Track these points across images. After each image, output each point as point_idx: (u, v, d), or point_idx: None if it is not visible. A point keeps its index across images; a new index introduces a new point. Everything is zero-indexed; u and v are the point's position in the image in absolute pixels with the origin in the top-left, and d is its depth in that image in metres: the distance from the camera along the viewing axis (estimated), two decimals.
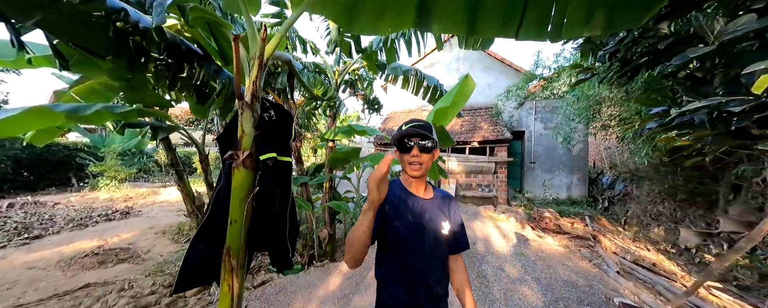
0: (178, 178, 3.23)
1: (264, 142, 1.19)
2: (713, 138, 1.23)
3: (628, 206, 6.03)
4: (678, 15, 1.21)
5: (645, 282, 2.96)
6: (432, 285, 0.92)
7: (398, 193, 0.97)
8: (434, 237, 0.93)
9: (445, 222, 0.96)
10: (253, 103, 1.17)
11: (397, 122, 9.21)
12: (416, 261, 0.90)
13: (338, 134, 3.33)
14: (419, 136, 0.91)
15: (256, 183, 1.19)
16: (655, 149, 4.20)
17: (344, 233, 3.93)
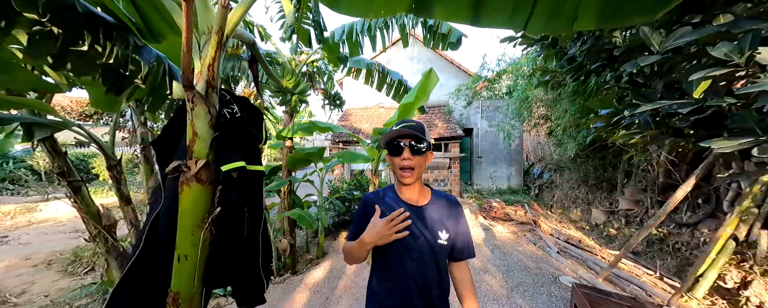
0: (73, 192, 2.39)
1: (225, 147, 0.90)
2: (654, 137, 1.42)
3: (554, 192, 7.15)
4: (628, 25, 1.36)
5: (577, 258, 3.51)
6: (430, 298, 0.87)
7: (389, 202, 0.91)
8: (429, 247, 0.86)
9: (443, 231, 0.88)
10: (210, 94, 0.86)
11: (354, 119, 8.97)
12: (410, 273, 0.85)
13: (298, 132, 2.98)
14: (411, 137, 0.84)
15: (216, 202, 0.89)
16: (576, 144, 5.02)
17: (306, 241, 3.60)
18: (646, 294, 2.67)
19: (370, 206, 0.89)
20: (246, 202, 0.94)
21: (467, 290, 0.92)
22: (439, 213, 0.91)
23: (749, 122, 1.01)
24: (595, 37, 1.54)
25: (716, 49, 1.07)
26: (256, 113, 1.05)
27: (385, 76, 4.11)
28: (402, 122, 0.88)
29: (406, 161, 0.84)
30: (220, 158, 0.88)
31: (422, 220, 0.88)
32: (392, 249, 0.84)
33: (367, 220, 0.86)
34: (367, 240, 0.81)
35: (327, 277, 2.76)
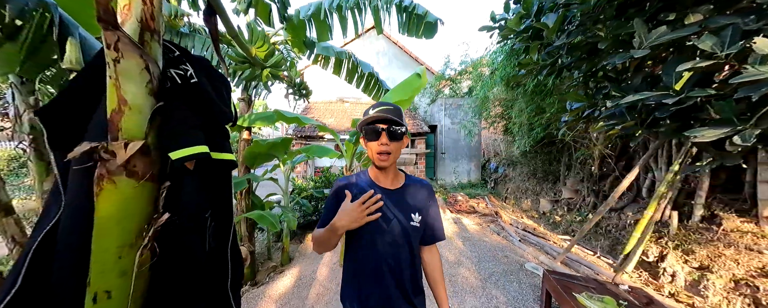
0: None
1: (177, 125, 0.60)
2: (630, 127, 1.51)
3: (507, 185, 7.80)
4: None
5: (536, 245, 3.82)
6: (403, 280, 0.88)
7: (362, 186, 0.90)
8: (402, 229, 0.87)
9: (416, 213, 0.89)
10: (148, 42, 0.55)
11: (318, 114, 8.44)
12: (383, 255, 0.85)
13: (257, 121, 2.57)
14: (388, 121, 0.82)
15: (160, 207, 0.58)
16: (530, 140, 5.50)
17: (268, 247, 3.17)
18: (594, 273, 3.00)
19: (342, 191, 0.88)
20: (208, 205, 0.65)
21: (437, 275, 0.96)
22: (412, 197, 0.92)
23: (728, 112, 1.07)
24: (582, 30, 1.56)
25: (702, 41, 1.11)
26: (220, 80, 0.75)
27: (356, 67, 3.86)
28: (379, 105, 0.86)
29: (384, 146, 0.83)
30: (167, 140, 0.58)
31: (395, 203, 0.88)
32: (365, 231, 0.84)
33: (338, 205, 0.85)
34: (338, 225, 0.81)
35: (295, 286, 2.44)
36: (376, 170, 0.91)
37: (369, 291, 0.86)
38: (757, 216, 2.79)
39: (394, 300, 0.86)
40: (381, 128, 0.82)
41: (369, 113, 0.84)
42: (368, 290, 0.86)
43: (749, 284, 2.50)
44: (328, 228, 0.82)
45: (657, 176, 3.89)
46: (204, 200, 0.64)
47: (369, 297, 0.86)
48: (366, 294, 0.86)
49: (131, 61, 0.54)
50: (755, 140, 1.01)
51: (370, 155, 0.87)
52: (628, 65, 1.64)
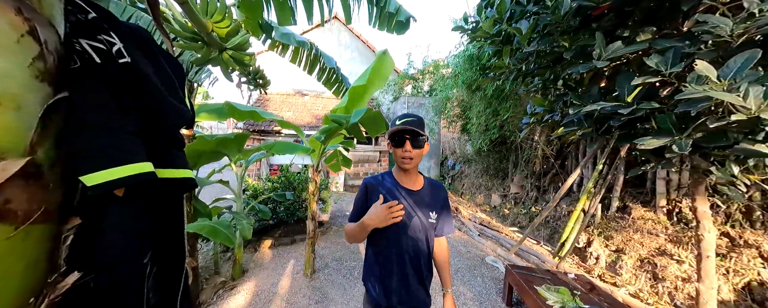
0: None
1: (90, 129, 0.37)
2: (587, 134, 1.67)
3: (463, 181, 8.35)
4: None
5: (492, 238, 4.13)
6: (422, 271, 1.02)
7: (388, 186, 1.03)
8: (422, 225, 1.01)
9: (433, 212, 1.03)
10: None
11: (274, 107, 7.73)
12: (406, 249, 0.99)
13: (203, 114, 2.16)
14: (411, 132, 0.95)
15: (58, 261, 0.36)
16: (485, 140, 5.93)
17: (216, 259, 2.73)
18: (541, 261, 3.37)
19: (371, 190, 1.04)
20: (149, 245, 0.43)
21: (445, 262, 1.16)
22: (430, 196, 1.06)
23: (668, 124, 1.22)
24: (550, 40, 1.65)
25: (650, 59, 1.25)
26: (169, 62, 0.53)
27: (317, 57, 3.58)
28: (404, 117, 0.98)
29: (408, 152, 0.96)
30: (76, 155, 0.36)
31: (417, 202, 1.02)
32: (391, 226, 0.96)
33: (366, 202, 1.02)
34: (367, 223, 0.94)
35: (252, 304, 2.14)
36: (400, 172, 1.04)
37: (390, 273, 1.00)
38: (655, 206, 3.46)
39: (411, 281, 1.01)
40: (406, 137, 0.95)
41: (396, 124, 0.97)
42: (389, 272, 1.00)
43: (650, 261, 3.08)
44: (360, 225, 0.96)
45: (585, 174, 4.55)
46: (142, 240, 0.42)
47: (389, 278, 1.00)
48: (387, 276, 1.00)
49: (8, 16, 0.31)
50: (690, 149, 1.18)
51: (396, 159, 1.00)
52: (584, 77, 1.82)
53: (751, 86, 0.94)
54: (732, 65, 1.03)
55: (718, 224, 2.94)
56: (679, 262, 2.92)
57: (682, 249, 2.99)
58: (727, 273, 2.69)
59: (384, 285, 1.01)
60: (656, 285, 2.89)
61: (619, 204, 3.91)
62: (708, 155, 1.64)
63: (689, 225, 3.11)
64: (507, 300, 2.38)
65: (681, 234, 3.10)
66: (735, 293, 2.61)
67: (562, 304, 1.83)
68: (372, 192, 1.02)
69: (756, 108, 0.93)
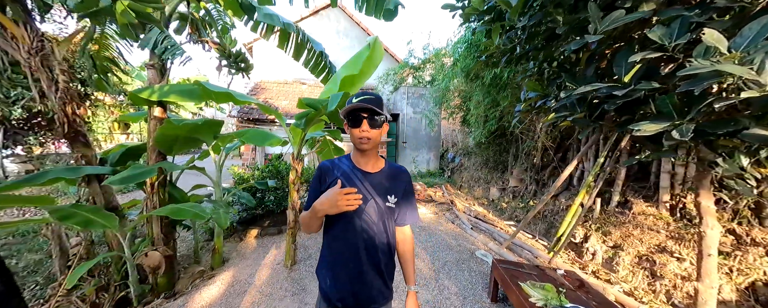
0: None
1: None
2: (579, 120, 1.50)
3: (463, 174, 8.19)
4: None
5: (486, 232, 4.02)
6: (379, 260, 0.95)
7: (344, 169, 0.97)
8: (379, 210, 0.93)
9: (392, 195, 0.96)
10: None
11: (269, 95, 7.59)
12: (361, 236, 0.92)
13: (171, 95, 2.02)
14: (369, 111, 0.87)
15: None
16: (485, 131, 5.74)
17: (194, 249, 2.68)
18: (534, 256, 3.25)
19: (326, 173, 0.96)
20: None
21: (408, 254, 1.07)
22: (389, 180, 0.98)
23: (668, 107, 1.05)
24: (541, 12, 1.47)
25: (652, 32, 1.06)
26: None
27: (304, 43, 3.41)
28: (361, 95, 0.90)
29: (365, 132, 0.88)
30: None
31: (374, 185, 0.95)
32: (346, 212, 0.88)
33: (319, 187, 0.95)
34: (318, 209, 0.86)
35: (226, 294, 2.08)
36: (357, 154, 0.96)
37: (343, 263, 0.93)
38: (658, 201, 3.27)
39: (366, 270, 0.92)
40: (362, 116, 0.87)
41: (352, 102, 0.87)
42: (342, 262, 0.93)
43: (649, 258, 2.93)
44: (311, 211, 0.88)
45: (586, 167, 4.36)
46: None
47: (343, 269, 0.92)
48: (340, 265, 0.93)
49: None
50: (692, 135, 1.02)
51: (352, 140, 0.92)
52: (581, 57, 1.63)
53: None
54: (747, 33, 0.85)
55: (725, 221, 2.76)
56: (680, 260, 2.77)
57: (684, 246, 2.83)
58: (731, 272, 2.53)
59: (336, 275, 0.93)
60: (654, 283, 2.76)
61: (620, 199, 3.73)
62: (714, 145, 1.47)
63: (693, 222, 2.94)
64: (492, 295, 2.28)
65: (683, 230, 2.93)
66: (737, 293, 2.46)
67: (545, 301, 1.72)
68: (327, 176, 0.95)
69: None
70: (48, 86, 1.75)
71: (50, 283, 2.28)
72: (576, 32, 1.46)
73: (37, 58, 1.71)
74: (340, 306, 0.92)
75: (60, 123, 1.77)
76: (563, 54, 1.54)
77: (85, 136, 2.02)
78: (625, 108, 1.30)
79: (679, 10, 1.10)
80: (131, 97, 1.88)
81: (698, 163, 1.97)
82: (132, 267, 1.94)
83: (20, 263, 2.60)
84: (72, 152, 2.03)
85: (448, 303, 2.23)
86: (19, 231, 3.25)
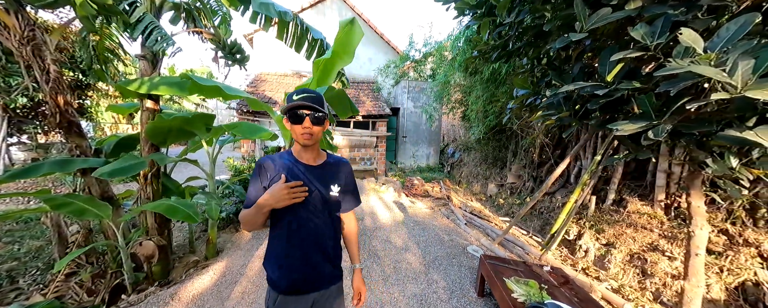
0: None
1: None
2: (565, 118, 1.49)
3: (462, 169, 8.18)
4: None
5: (479, 228, 4.04)
6: (326, 247, 1.00)
7: (286, 163, 0.98)
8: (321, 198, 0.98)
9: (334, 185, 1.01)
10: None
11: (269, 87, 7.59)
12: (304, 222, 0.95)
13: (161, 87, 2.03)
14: (310, 108, 0.91)
15: None
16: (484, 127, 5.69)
17: (191, 238, 2.75)
18: (525, 253, 3.28)
19: (267, 169, 0.97)
20: None
21: (351, 237, 1.17)
22: (332, 171, 1.04)
23: (647, 107, 1.04)
24: (529, 8, 1.44)
25: (635, 30, 1.04)
26: None
27: (304, 32, 3.37)
28: (301, 93, 0.91)
29: (307, 129, 0.92)
30: None
31: (317, 177, 0.99)
32: (291, 205, 0.91)
33: (260, 183, 0.95)
34: (263, 204, 0.86)
35: (217, 283, 2.15)
36: (300, 149, 0.99)
37: (291, 252, 0.95)
38: (653, 200, 3.25)
39: (313, 257, 0.97)
40: (305, 113, 0.91)
41: (293, 99, 0.90)
42: (291, 251, 0.95)
43: (640, 257, 2.94)
44: (256, 207, 0.87)
45: (584, 165, 4.32)
46: None
47: (293, 257, 0.95)
48: (288, 255, 0.95)
49: None
50: (666, 135, 1.01)
51: (295, 136, 0.95)
52: (570, 54, 1.60)
53: (740, 59, 0.76)
54: (723, 34, 0.83)
55: (719, 221, 2.74)
56: (671, 259, 2.77)
57: (676, 245, 2.83)
58: (721, 271, 2.53)
59: (285, 265, 0.96)
60: (644, 281, 2.77)
61: (616, 197, 3.71)
62: (706, 145, 1.45)
63: (686, 221, 2.92)
64: (479, 290, 2.32)
65: (676, 229, 2.92)
66: (726, 293, 2.47)
67: (527, 297, 1.75)
68: (267, 171, 0.95)
69: (742, 85, 0.74)
70: (40, 75, 1.77)
71: (50, 269, 2.38)
72: (564, 30, 1.43)
73: (29, 47, 1.73)
74: (291, 291, 0.96)
75: (52, 113, 1.80)
76: (551, 52, 1.51)
77: (79, 126, 2.06)
78: (608, 107, 1.29)
79: (664, 7, 1.07)
80: (119, 89, 1.90)
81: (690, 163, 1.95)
82: (126, 256, 2.01)
83: (22, 248, 2.70)
84: (66, 142, 2.07)
85: (435, 297, 2.27)
86: (22, 218, 3.36)
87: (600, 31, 1.25)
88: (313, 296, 0.99)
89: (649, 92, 1.10)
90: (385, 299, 2.20)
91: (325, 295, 1.02)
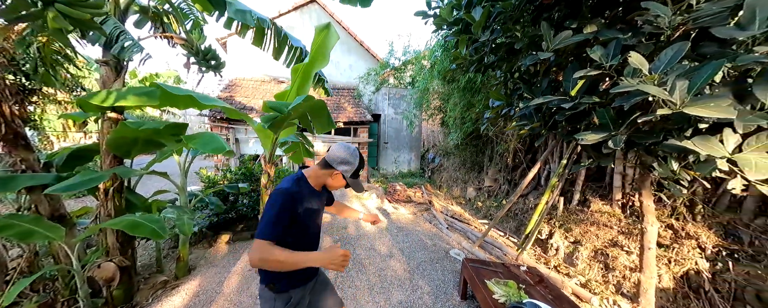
0: None
1: None
2: (535, 128, 1.61)
3: (442, 174, 8.40)
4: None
5: (460, 231, 4.16)
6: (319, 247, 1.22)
7: (305, 193, 1.08)
8: (321, 216, 1.20)
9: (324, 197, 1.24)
10: None
11: (243, 93, 7.30)
12: (314, 239, 1.17)
13: (129, 98, 1.88)
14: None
15: None
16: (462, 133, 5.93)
17: (157, 258, 2.52)
18: (503, 253, 3.43)
19: (295, 201, 1.01)
20: None
21: (343, 211, 1.51)
22: (325, 192, 1.25)
23: (606, 119, 1.17)
24: (501, 28, 1.56)
25: (592, 51, 1.17)
26: None
27: (284, 39, 3.32)
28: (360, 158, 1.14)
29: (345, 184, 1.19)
30: None
31: (321, 201, 1.19)
32: (311, 229, 1.13)
33: (290, 214, 0.99)
34: (311, 261, 0.91)
35: (189, 305, 1.99)
36: (316, 181, 1.14)
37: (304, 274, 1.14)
38: (611, 200, 3.58)
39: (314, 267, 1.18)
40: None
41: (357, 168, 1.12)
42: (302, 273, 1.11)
43: (603, 252, 3.20)
44: (302, 259, 0.90)
45: (552, 168, 4.65)
46: None
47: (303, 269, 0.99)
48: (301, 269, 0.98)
49: None
50: (623, 145, 1.14)
51: (337, 185, 1.15)
52: (539, 70, 1.75)
53: (678, 80, 0.89)
54: (663, 58, 0.97)
55: (665, 217, 3.08)
56: (628, 253, 3.05)
57: (632, 240, 3.13)
58: (669, 263, 2.83)
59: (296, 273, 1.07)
60: (607, 274, 3.02)
61: (580, 198, 4.03)
62: (652, 151, 1.64)
63: (640, 218, 3.25)
64: (462, 293, 2.38)
65: (632, 226, 3.23)
66: (674, 281, 2.76)
67: (507, 298, 1.83)
68: (298, 204, 1.02)
69: (680, 102, 0.87)
70: None
71: None
72: (532, 47, 1.56)
73: None
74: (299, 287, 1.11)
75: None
76: (523, 67, 1.65)
77: (26, 138, 1.84)
78: (573, 119, 1.42)
79: (615, 32, 1.22)
80: (80, 103, 1.71)
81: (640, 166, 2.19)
82: (81, 280, 1.80)
83: None
84: (9, 156, 1.83)
85: (420, 302, 2.30)
86: None
87: (562, 50, 1.39)
88: (313, 280, 1.21)
89: (607, 106, 1.23)
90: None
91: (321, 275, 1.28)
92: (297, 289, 1.09)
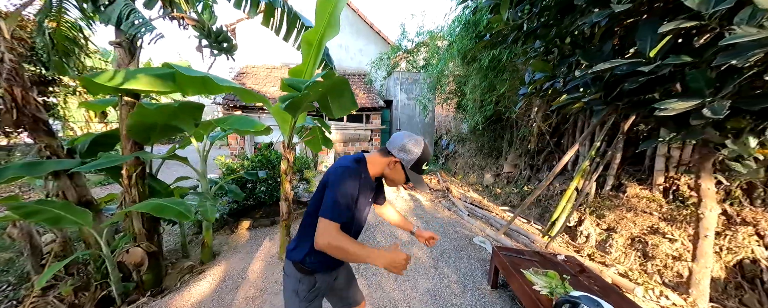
0: None
1: None
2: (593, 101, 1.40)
3: (457, 160, 8.17)
4: None
5: (482, 218, 4.02)
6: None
7: (366, 180, 1.01)
8: (368, 211, 1.14)
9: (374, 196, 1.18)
10: None
11: (256, 80, 7.20)
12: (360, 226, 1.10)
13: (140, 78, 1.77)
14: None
15: None
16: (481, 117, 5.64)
17: (182, 244, 2.53)
18: (530, 241, 3.27)
19: (360, 179, 0.96)
20: None
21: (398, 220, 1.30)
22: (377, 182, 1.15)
23: (701, 83, 0.95)
24: None
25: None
26: None
27: (294, 20, 3.12)
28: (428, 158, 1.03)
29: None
30: None
31: (373, 193, 1.13)
32: (356, 224, 1.05)
33: (355, 189, 0.93)
34: (371, 260, 0.84)
35: (217, 290, 1.98)
36: (375, 172, 1.03)
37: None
38: (652, 184, 3.30)
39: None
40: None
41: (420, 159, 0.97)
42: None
43: (641, 240, 2.99)
44: (367, 256, 0.84)
45: (581, 152, 4.36)
46: None
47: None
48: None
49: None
50: (728, 112, 0.93)
51: (396, 177, 1.03)
52: (595, 34, 1.51)
53: None
54: None
55: (717, 202, 2.80)
56: (672, 240, 2.82)
57: (676, 227, 2.89)
58: (721, 251, 2.60)
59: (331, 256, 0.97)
60: (645, 263, 2.82)
61: (615, 182, 3.76)
62: (723, 125, 1.40)
63: (685, 203, 2.98)
64: (492, 282, 2.27)
65: (676, 212, 2.97)
66: (725, 271, 2.54)
67: (550, 289, 1.70)
68: (359, 182, 0.95)
69: None
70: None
71: (23, 283, 2.12)
72: (596, 4, 1.32)
73: None
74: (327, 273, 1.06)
75: (8, 109, 1.55)
76: (578, 29, 1.41)
77: (47, 123, 1.79)
78: (642, 87, 1.20)
79: None
80: (86, 83, 1.62)
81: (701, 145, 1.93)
82: (112, 265, 1.80)
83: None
84: (34, 142, 1.81)
85: (448, 291, 2.21)
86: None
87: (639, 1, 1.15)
88: (339, 268, 1.15)
89: (700, 67, 1.01)
90: (397, 296, 2.11)
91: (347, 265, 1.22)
92: (324, 274, 1.04)
